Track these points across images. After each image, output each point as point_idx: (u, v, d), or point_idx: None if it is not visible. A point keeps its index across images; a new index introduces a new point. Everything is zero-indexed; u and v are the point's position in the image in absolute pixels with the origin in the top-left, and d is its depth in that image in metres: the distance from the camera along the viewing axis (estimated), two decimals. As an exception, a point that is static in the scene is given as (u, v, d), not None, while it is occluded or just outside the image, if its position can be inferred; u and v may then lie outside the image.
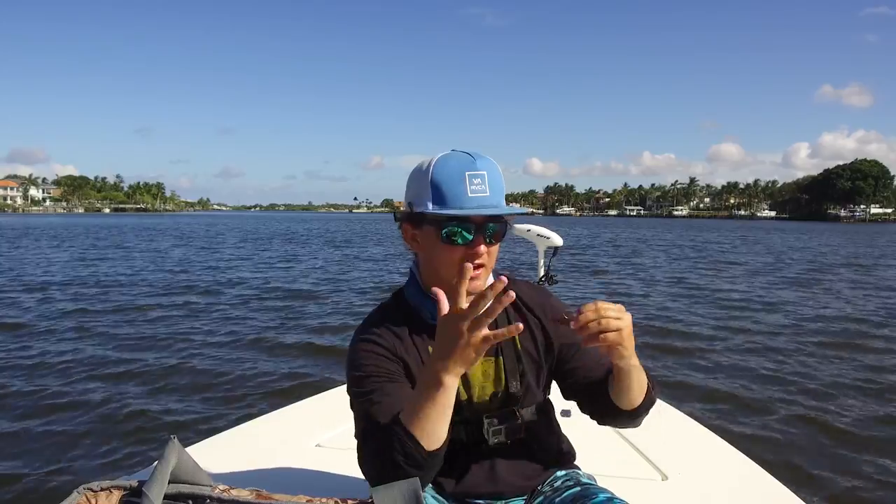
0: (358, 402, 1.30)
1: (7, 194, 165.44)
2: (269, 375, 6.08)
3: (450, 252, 1.30)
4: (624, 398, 1.34)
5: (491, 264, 1.34)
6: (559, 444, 1.54)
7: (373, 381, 1.29)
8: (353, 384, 1.32)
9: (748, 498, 1.96)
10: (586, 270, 17.45)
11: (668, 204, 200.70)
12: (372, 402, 1.27)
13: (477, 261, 1.29)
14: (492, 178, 1.28)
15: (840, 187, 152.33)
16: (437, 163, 1.29)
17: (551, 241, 3.06)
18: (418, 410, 1.13)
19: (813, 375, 6.28)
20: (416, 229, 1.34)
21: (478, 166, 1.27)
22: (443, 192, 1.26)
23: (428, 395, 1.11)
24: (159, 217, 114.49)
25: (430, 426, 1.12)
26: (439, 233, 1.29)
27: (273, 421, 2.63)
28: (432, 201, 1.28)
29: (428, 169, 1.29)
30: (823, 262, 21.55)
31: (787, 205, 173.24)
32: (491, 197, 1.27)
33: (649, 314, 9.94)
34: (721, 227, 78.95)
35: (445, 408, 1.12)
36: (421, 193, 1.30)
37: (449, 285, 1.12)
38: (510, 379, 1.40)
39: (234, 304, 10.77)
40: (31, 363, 6.33)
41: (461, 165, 1.27)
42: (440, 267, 1.33)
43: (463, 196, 1.25)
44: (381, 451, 1.17)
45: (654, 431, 2.40)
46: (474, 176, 1.26)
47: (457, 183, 1.26)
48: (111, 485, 1.06)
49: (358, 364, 1.33)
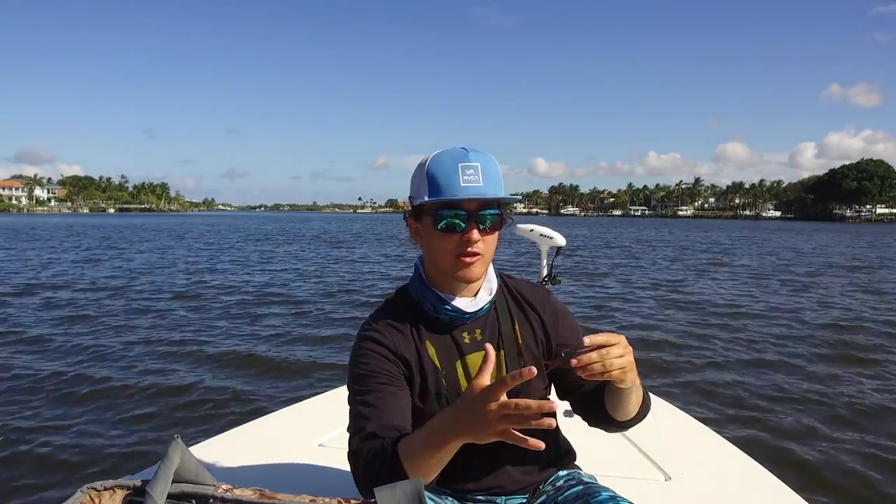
0: (355, 399, 1.35)
1: (12, 194, 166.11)
2: (271, 375, 6.09)
3: (445, 240, 1.33)
4: (619, 411, 1.36)
5: (488, 254, 1.37)
6: (558, 443, 1.55)
7: (371, 381, 1.34)
8: (353, 381, 1.37)
9: (751, 498, 1.96)
10: (579, 272, 17.41)
11: (672, 204, 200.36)
12: (367, 404, 1.32)
13: (470, 248, 1.32)
14: (486, 169, 1.31)
15: (846, 187, 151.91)
16: (434, 157, 1.34)
17: (554, 241, 3.07)
18: (418, 451, 1.18)
19: (819, 377, 6.26)
20: (418, 222, 1.38)
21: (470, 158, 1.31)
22: (438, 182, 1.31)
23: (433, 444, 1.16)
24: (164, 217, 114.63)
25: (423, 468, 1.18)
26: (435, 222, 1.33)
27: (276, 421, 2.64)
28: (428, 193, 1.32)
29: (426, 163, 1.34)
30: (830, 263, 21.48)
31: (793, 205, 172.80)
32: (484, 187, 1.30)
33: (649, 314, 9.94)
34: (725, 227, 78.73)
35: (443, 460, 1.18)
36: (420, 187, 1.35)
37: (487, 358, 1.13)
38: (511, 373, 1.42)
39: (234, 303, 10.79)
40: (33, 364, 6.34)
41: (455, 157, 1.31)
42: (437, 257, 1.37)
43: (456, 186, 1.29)
44: (370, 461, 1.23)
45: (657, 431, 2.40)
46: (467, 167, 1.30)
47: (451, 174, 1.30)
48: (115, 484, 1.06)
49: (358, 361, 1.37)
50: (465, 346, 1.42)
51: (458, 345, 1.42)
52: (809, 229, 69.28)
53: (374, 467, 1.21)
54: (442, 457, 1.17)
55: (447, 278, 1.38)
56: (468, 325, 1.43)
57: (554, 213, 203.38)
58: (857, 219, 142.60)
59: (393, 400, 1.33)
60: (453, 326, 1.42)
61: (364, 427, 1.29)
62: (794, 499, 1.92)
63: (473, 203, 1.31)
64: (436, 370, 1.40)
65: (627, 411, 1.36)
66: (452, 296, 1.40)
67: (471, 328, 1.43)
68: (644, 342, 7.62)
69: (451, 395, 1.39)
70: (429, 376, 1.39)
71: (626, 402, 1.33)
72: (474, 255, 1.33)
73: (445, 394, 1.39)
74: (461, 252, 1.33)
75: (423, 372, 1.39)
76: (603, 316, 9.87)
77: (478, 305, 1.40)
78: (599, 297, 11.84)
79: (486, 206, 1.32)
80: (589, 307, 10.67)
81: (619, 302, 11.31)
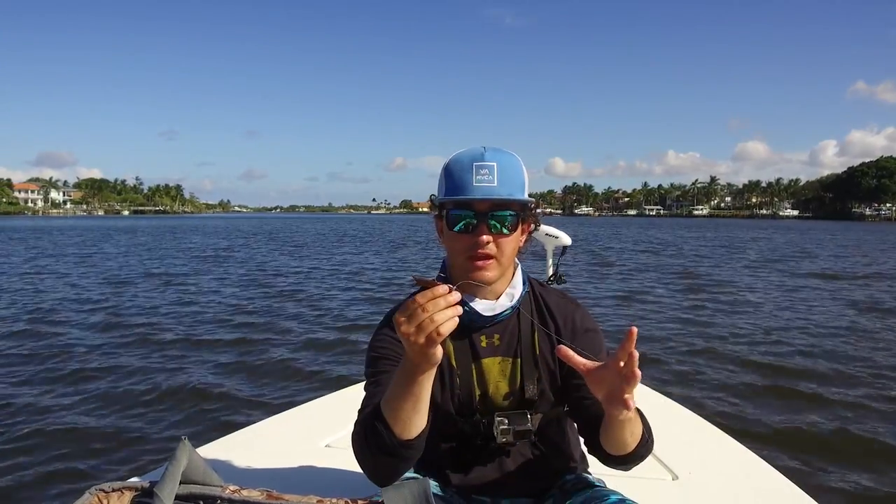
0: (367, 382, 1.36)
1: (28, 197, 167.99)
2: (279, 376, 6.14)
3: (458, 241, 1.32)
4: (612, 444, 1.28)
5: (503, 257, 1.32)
6: (570, 451, 1.54)
7: (383, 364, 1.34)
8: (367, 364, 1.38)
9: (759, 498, 1.95)
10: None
11: (688, 203, 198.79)
12: (376, 384, 1.31)
13: (481, 250, 1.29)
14: (502, 169, 1.29)
15: (865, 185, 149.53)
16: (454, 156, 1.34)
17: (560, 241, 3.10)
18: (392, 399, 1.14)
19: (829, 377, 6.18)
20: (440, 220, 1.37)
21: (486, 157, 1.29)
22: (453, 181, 1.31)
23: (399, 384, 1.11)
24: (179, 219, 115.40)
25: (402, 415, 1.13)
26: (448, 222, 1.33)
27: (282, 421, 2.65)
28: (445, 189, 1.33)
29: (447, 162, 1.35)
30: (842, 262, 21.24)
31: (811, 203, 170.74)
32: (498, 188, 1.28)
33: (655, 311, 9.89)
34: (740, 225, 77.97)
35: (418, 400, 1.12)
36: (440, 185, 1.36)
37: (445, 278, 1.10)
38: (526, 382, 1.41)
39: (239, 304, 10.85)
40: (40, 366, 6.40)
41: (471, 156, 1.31)
42: (451, 255, 1.38)
43: (468, 185, 1.28)
44: (360, 434, 1.20)
45: (665, 431, 2.38)
46: (482, 167, 1.28)
47: (465, 173, 1.29)
48: (123, 486, 1.08)
49: (375, 346, 1.38)
50: (482, 349, 1.41)
51: (475, 347, 1.41)
52: (835, 228, 68.29)
53: (363, 428, 1.19)
54: (414, 394, 1.10)
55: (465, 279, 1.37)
56: (487, 329, 1.41)
57: (568, 213, 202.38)
58: (876, 217, 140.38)
59: None
60: (472, 328, 1.40)
61: (367, 405, 1.28)
62: (803, 498, 1.91)
63: (485, 203, 1.28)
64: (451, 368, 1.39)
65: (621, 445, 1.27)
66: (473, 297, 1.37)
67: (490, 332, 1.41)
68: (649, 337, 7.59)
69: (463, 395, 1.39)
70: (444, 374, 1.39)
71: (621, 434, 1.24)
72: (486, 257, 1.30)
73: (458, 393, 1.39)
74: (472, 254, 1.30)
75: (438, 369, 1.35)
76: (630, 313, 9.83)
77: (496, 311, 1.38)
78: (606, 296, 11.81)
79: (500, 206, 1.29)
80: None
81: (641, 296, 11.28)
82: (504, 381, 1.41)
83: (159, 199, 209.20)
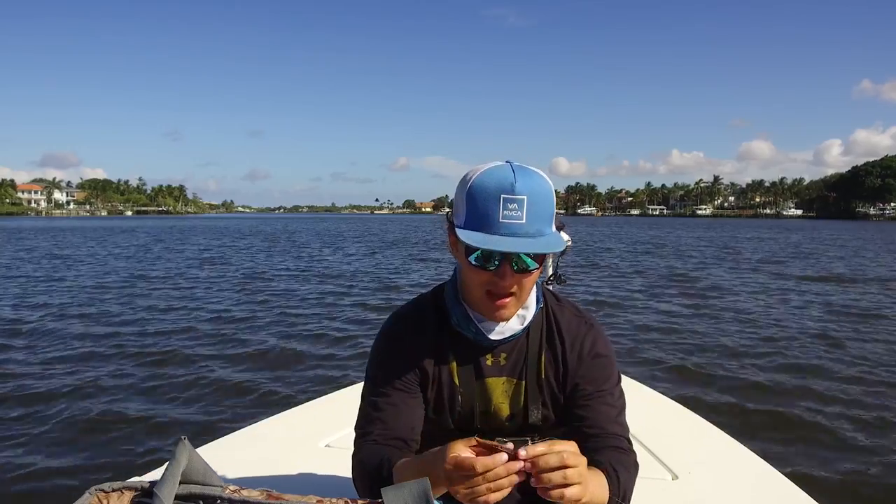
0: (367, 397, 1.34)
1: (31, 198, 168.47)
2: (279, 376, 6.14)
3: (475, 274, 1.24)
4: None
5: (522, 294, 1.26)
6: None
7: (386, 385, 1.32)
8: (369, 378, 1.37)
9: (759, 497, 1.94)
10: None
11: (691, 203, 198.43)
12: (377, 408, 1.31)
13: (502, 290, 1.22)
14: (532, 202, 1.16)
15: (869, 184, 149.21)
16: (478, 176, 1.19)
17: None
18: (406, 472, 1.15)
19: (829, 376, 6.18)
20: (454, 236, 1.26)
21: (517, 190, 1.14)
22: (477, 209, 1.17)
23: (418, 470, 1.09)
24: (179, 219, 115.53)
25: None
26: (467, 252, 1.22)
27: (282, 422, 2.64)
28: (465, 217, 1.19)
29: (469, 181, 1.20)
30: (851, 263, 21.19)
31: (815, 203, 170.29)
32: (526, 225, 1.15)
33: (649, 311, 9.89)
34: (742, 225, 77.80)
35: None
36: (459, 205, 1.23)
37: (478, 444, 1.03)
38: (531, 406, 1.36)
39: (242, 303, 10.87)
40: (39, 366, 6.41)
41: (500, 186, 1.15)
42: (467, 286, 1.30)
43: (494, 220, 1.15)
44: (364, 465, 1.23)
45: (664, 430, 2.40)
46: (510, 200, 1.14)
47: (491, 203, 1.15)
48: (122, 486, 1.08)
49: (377, 360, 1.36)
50: (487, 367, 1.35)
51: (480, 365, 1.36)
52: (837, 227, 68.15)
53: (367, 475, 1.22)
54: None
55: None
56: (495, 348, 1.36)
57: (570, 213, 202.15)
58: (880, 216, 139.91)
59: (404, 408, 1.31)
60: (479, 349, 1.35)
61: (369, 431, 1.29)
62: (804, 497, 1.91)
63: None
64: (453, 386, 1.35)
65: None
66: (482, 317, 1.30)
67: (497, 351, 1.35)
68: (650, 338, 7.58)
69: (464, 413, 1.36)
70: (445, 390, 1.35)
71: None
72: (506, 295, 1.23)
73: (460, 410, 1.36)
74: (491, 292, 1.24)
75: (440, 385, 1.35)
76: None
77: (504, 334, 1.32)
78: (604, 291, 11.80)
79: None
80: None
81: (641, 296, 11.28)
82: (506, 402, 1.37)
83: (162, 199, 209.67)
